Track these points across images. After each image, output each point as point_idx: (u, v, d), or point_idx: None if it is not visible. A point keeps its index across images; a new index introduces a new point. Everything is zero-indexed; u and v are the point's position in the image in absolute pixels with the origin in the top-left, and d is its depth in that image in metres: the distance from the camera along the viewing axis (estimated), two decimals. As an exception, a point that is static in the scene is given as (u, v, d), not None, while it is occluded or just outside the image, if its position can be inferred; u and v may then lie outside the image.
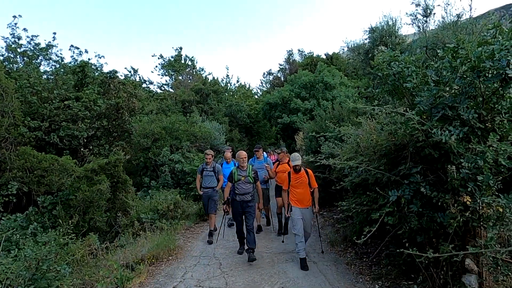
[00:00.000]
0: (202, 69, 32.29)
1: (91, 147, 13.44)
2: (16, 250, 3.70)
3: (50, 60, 16.62)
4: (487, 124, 3.35)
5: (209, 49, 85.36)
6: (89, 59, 17.66)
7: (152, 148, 13.58)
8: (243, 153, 5.85)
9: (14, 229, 6.47)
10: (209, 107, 22.81)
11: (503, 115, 3.31)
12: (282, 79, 33.31)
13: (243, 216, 5.83)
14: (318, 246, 6.11)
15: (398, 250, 3.38)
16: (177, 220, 8.34)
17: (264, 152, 12.88)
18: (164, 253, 6.08)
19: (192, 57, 32.16)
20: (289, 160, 6.68)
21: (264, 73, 42.04)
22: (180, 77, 29.93)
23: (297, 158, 5.49)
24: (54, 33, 17.08)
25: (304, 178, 5.52)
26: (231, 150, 8.47)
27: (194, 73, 30.97)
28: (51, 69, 16.42)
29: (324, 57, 30.08)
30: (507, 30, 3.27)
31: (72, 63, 17.07)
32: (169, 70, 30.82)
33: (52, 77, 14.62)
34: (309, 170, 5.63)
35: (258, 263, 5.56)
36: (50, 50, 16.35)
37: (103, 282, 4.47)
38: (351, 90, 19.53)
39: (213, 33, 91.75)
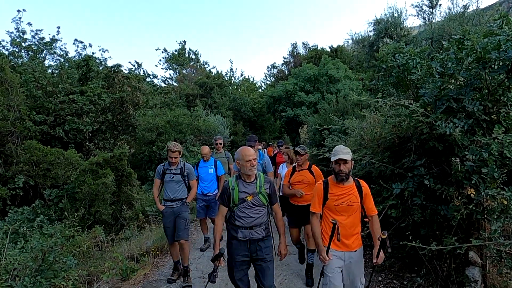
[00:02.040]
0: (206, 63, 32.31)
1: (96, 141, 13.54)
2: (23, 242, 3.76)
3: (55, 54, 16.70)
4: (492, 116, 3.32)
5: (213, 42, 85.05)
6: (93, 53, 17.76)
7: (157, 141, 13.64)
8: (249, 151, 3.11)
9: (21, 222, 6.56)
10: (213, 100, 22.80)
11: (509, 107, 3.27)
12: (286, 72, 33.16)
13: (255, 270, 3.24)
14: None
15: (401, 243, 3.38)
16: (181, 213, 8.38)
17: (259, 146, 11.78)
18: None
19: (196, 50, 32.16)
20: (310, 166, 4.60)
21: (268, 67, 41.81)
22: (184, 71, 29.92)
23: (344, 152, 2.87)
24: (58, 27, 17.10)
25: (354, 195, 2.91)
26: (220, 141, 6.68)
27: (198, 66, 30.94)
28: (55, 63, 16.51)
29: (329, 50, 29.85)
30: (514, 20, 3.21)
31: (77, 57, 17.14)
32: (173, 64, 30.83)
33: (56, 71, 14.69)
34: (363, 183, 3.02)
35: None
36: (54, 44, 16.41)
37: (109, 274, 4.53)
38: (356, 83, 19.39)
39: (217, 26, 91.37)
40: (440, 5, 13.36)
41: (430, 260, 3.69)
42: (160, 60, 31.80)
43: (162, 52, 31.36)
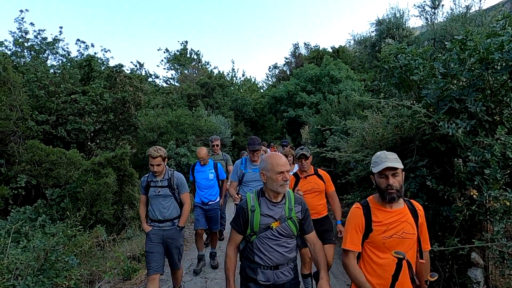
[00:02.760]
0: (208, 63, 32.31)
1: (97, 141, 13.57)
2: (25, 241, 3.77)
3: (57, 54, 16.78)
4: (495, 117, 3.31)
5: (215, 42, 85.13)
6: (95, 53, 17.85)
7: (158, 141, 13.67)
8: (281, 160, 2.24)
9: (23, 221, 6.58)
10: (214, 101, 22.82)
11: (512, 108, 3.27)
12: (288, 72, 33.18)
13: None
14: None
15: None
16: (183, 213, 8.41)
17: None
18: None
19: (198, 51, 32.18)
20: (315, 170, 4.01)
21: (269, 67, 41.86)
22: (186, 71, 29.95)
23: (392, 159, 2.07)
24: (61, 27, 17.21)
25: (409, 223, 2.09)
26: (217, 143, 6.28)
27: (200, 67, 30.97)
28: (57, 63, 16.58)
29: (330, 50, 29.83)
30: (517, 21, 3.20)
31: (79, 57, 17.21)
32: (175, 64, 30.86)
33: (59, 71, 14.73)
34: (417, 205, 2.23)
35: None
36: (56, 44, 16.48)
37: (110, 273, 4.54)
38: (358, 83, 19.37)
39: (218, 26, 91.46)
40: (443, 5, 13.35)
41: (433, 261, 3.68)
42: (162, 60, 32.01)
43: (164, 52, 31.42)
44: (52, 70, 15.14)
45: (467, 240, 3.31)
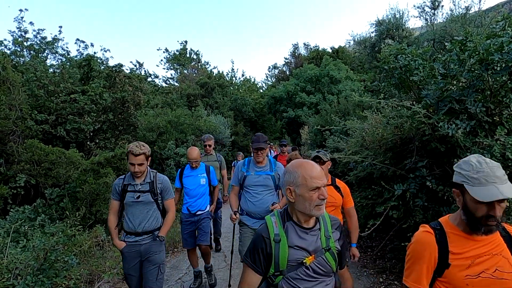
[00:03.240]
0: (207, 63, 32.29)
1: (97, 141, 13.55)
2: (24, 241, 3.77)
3: (56, 54, 16.74)
4: (494, 118, 3.32)
5: (215, 42, 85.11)
6: (95, 52, 17.78)
7: (158, 141, 13.66)
8: (315, 170, 1.60)
9: (23, 221, 6.56)
10: (214, 101, 22.82)
11: (511, 108, 3.27)
12: (288, 73, 33.19)
13: None
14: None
15: (402, 244, 3.38)
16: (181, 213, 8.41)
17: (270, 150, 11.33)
18: (170, 245, 6.15)
19: (197, 50, 32.20)
20: (333, 179, 3.37)
21: (269, 67, 41.84)
22: (185, 71, 29.96)
23: (504, 180, 1.38)
24: (60, 27, 17.11)
25: (505, 257, 1.42)
26: (210, 143, 5.71)
27: (199, 67, 30.97)
28: (57, 62, 16.54)
29: (330, 50, 29.86)
30: (516, 22, 3.21)
31: (78, 56, 17.17)
32: (174, 64, 30.85)
33: (58, 70, 14.71)
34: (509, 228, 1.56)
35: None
36: (56, 44, 16.45)
37: (110, 273, 4.53)
38: (357, 83, 19.39)
39: (218, 26, 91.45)
40: (442, 6, 13.37)
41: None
42: (162, 60, 32.06)
43: (164, 52, 31.41)
44: (51, 70, 15.11)
45: (467, 241, 3.31)
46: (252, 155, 3.65)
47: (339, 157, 4.96)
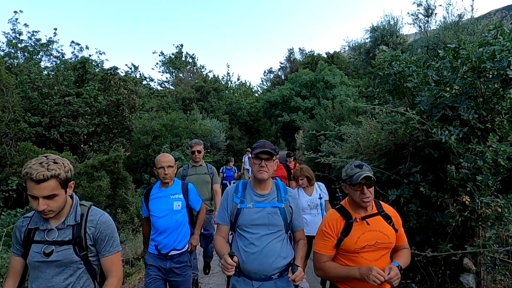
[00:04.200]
0: (203, 67, 32.37)
1: (91, 143, 13.47)
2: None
3: (51, 56, 16.65)
4: (487, 125, 3.37)
5: (210, 46, 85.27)
6: (90, 55, 17.75)
7: (152, 145, 13.61)
8: None
9: (15, 224, 6.50)
10: (209, 104, 22.82)
11: (503, 115, 3.33)
12: (283, 77, 33.35)
13: None
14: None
15: (396, 249, 3.40)
16: (176, 217, 8.39)
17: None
18: None
19: (193, 54, 32.24)
20: (378, 204, 2.18)
21: (264, 71, 42.09)
22: (181, 75, 29.95)
23: None
24: (55, 29, 17.09)
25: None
26: (198, 148, 4.41)
27: (195, 70, 31.00)
28: (51, 65, 16.47)
29: (325, 56, 30.08)
30: (508, 31, 3.28)
31: (73, 59, 17.11)
32: (170, 67, 30.86)
33: (52, 73, 14.63)
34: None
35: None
36: (51, 46, 16.38)
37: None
38: (352, 89, 19.54)
39: (214, 30, 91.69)
40: (436, 14, 13.55)
41: (425, 266, 3.71)
42: (157, 63, 31.98)
43: (159, 55, 31.44)
44: (45, 72, 15.03)
45: (460, 246, 3.34)
46: (249, 172, 3.11)
47: (334, 160, 4.99)
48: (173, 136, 14.37)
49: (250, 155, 2.35)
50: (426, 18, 13.70)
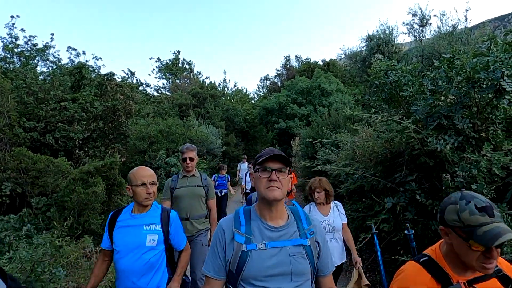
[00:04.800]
0: (200, 73, 32.38)
1: (86, 149, 13.38)
2: (11, 252, 3.68)
3: (47, 61, 16.61)
4: (481, 134, 3.42)
5: (207, 53, 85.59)
6: (86, 60, 17.69)
7: (148, 151, 13.57)
8: None
9: (8, 231, 6.41)
10: (206, 111, 22.83)
11: (497, 125, 3.38)
12: (279, 84, 33.49)
13: None
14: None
15: (393, 257, 3.41)
16: (172, 223, 8.34)
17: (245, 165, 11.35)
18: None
19: (190, 60, 32.29)
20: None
21: (261, 78, 42.22)
22: (178, 81, 29.96)
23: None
24: (52, 34, 16.99)
25: None
26: (191, 155, 3.81)
27: (192, 76, 31.04)
28: (48, 70, 16.40)
29: (321, 63, 30.29)
30: (501, 42, 3.34)
31: (69, 64, 17.07)
32: (167, 73, 30.88)
33: (49, 78, 14.58)
34: None
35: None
36: (47, 51, 16.34)
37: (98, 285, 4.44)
38: (348, 97, 19.68)
39: (211, 37, 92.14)
40: (430, 24, 13.76)
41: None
42: (154, 69, 31.88)
43: (156, 61, 31.42)
44: (41, 77, 14.97)
45: (455, 254, 3.36)
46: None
47: (330, 168, 5.01)
48: (169, 142, 14.34)
49: (248, 164, 2.15)
50: (421, 27, 13.91)
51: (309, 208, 3.40)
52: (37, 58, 16.23)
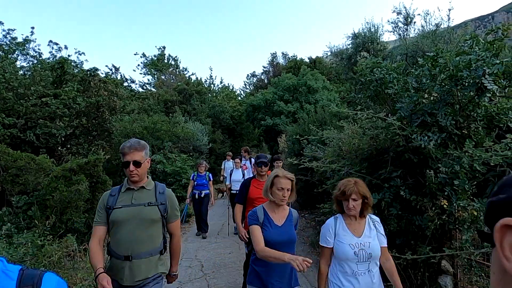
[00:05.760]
0: (186, 69, 32.02)
1: (69, 146, 13.09)
2: (-11, 252, 3.57)
3: (27, 56, 16.09)
4: (463, 131, 3.50)
5: (193, 49, 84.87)
6: (68, 55, 17.14)
7: (133, 148, 13.39)
8: None
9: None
10: (192, 107, 22.63)
11: (478, 122, 3.46)
12: (266, 81, 33.46)
13: None
14: (300, 248, 6.17)
15: (378, 252, 3.46)
16: (158, 221, 8.24)
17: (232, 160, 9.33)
18: (145, 255, 5.98)
19: (176, 56, 31.87)
20: None
21: (247, 75, 42.14)
22: (163, 77, 29.57)
23: None
24: (32, 28, 16.44)
25: None
26: (136, 156, 2.52)
27: (177, 73, 30.68)
28: (28, 64, 15.90)
29: (308, 60, 30.43)
30: (483, 41, 3.42)
31: (51, 59, 16.57)
32: (152, 69, 30.42)
33: (29, 73, 14.16)
34: None
35: (240, 265, 5.55)
36: (27, 45, 15.82)
37: (81, 285, 4.36)
38: (334, 94, 19.84)
39: (198, 33, 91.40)
40: (414, 22, 13.96)
41: (405, 269, 3.79)
42: (138, 65, 31.25)
43: (141, 57, 30.86)
44: (21, 72, 14.52)
45: (438, 249, 3.44)
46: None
47: (317, 165, 5.04)
48: (155, 139, 14.16)
49: (233, 161, 2.40)
50: (405, 26, 14.11)
51: (333, 223, 2.43)
52: (16, 53, 15.70)
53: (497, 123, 3.45)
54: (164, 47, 31.61)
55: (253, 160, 9.21)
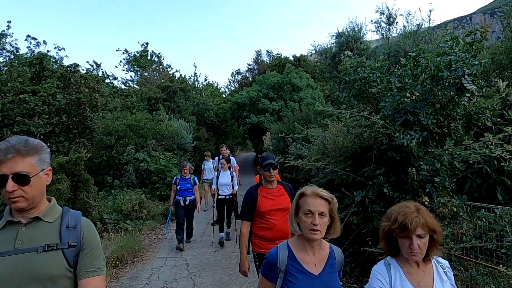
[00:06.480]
0: (169, 66, 31.58)
1: (49, 144, 12.72)
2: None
3: (4, 50, 15.50)
4: (444, 130, 3.60)
5: (177, 46, 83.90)
6: (48, 51, 16.60)
7: (116, 146, 13.12)
8: None
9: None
10: (176, 105, 22.37)
11: (458, 121, 3.57)
12: (251, 79, 33.44)
13: None
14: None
15: (362, 249, 3.53)
16: (142, 220, 8.13)
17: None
18: (129, 254, 5.90)
19: (159, 53, 31.40)
20: None
21: (232, 73, 42.01)
22: (146, 74, 29.08)
23: None
24: (9, 22, 15.86)
25: None
26: (16, 167, 1.28)
27: (161, 69, 30.23)
28: (4, 60, 15.33)
29: (292, 59, 30.58)
30: (462, 42, 3.52)
31: (29, 54, 16.03)
32: (135, 66, 29.89)
33: (5, 68, 13.65)
34: None
35: (226, 263, 5.55)
36: (3, 40, 15.24)
37: (63, 287, 4.26)
38: (318, 92, 20.02)
39: (181, 30, 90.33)
40: (397, 22, 14.22)
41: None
42: (121, 62, 30.61)
43: (123, 53, 30.24)
44: (-3, 67, 14.00)
45: (419, 244, 3.53)
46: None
47: (302, 163, 5.08)
48: (138, 137, 13.94)
49: (210, 160, 1.93)
50: (388, 26, 14.36)
51: (386, 273, 1.67)
52: (-8, 47, 15.12)
53: (476, 122, 3.57)
54: (147, 43, 31.13)
55: (233, 159, 7.88)
